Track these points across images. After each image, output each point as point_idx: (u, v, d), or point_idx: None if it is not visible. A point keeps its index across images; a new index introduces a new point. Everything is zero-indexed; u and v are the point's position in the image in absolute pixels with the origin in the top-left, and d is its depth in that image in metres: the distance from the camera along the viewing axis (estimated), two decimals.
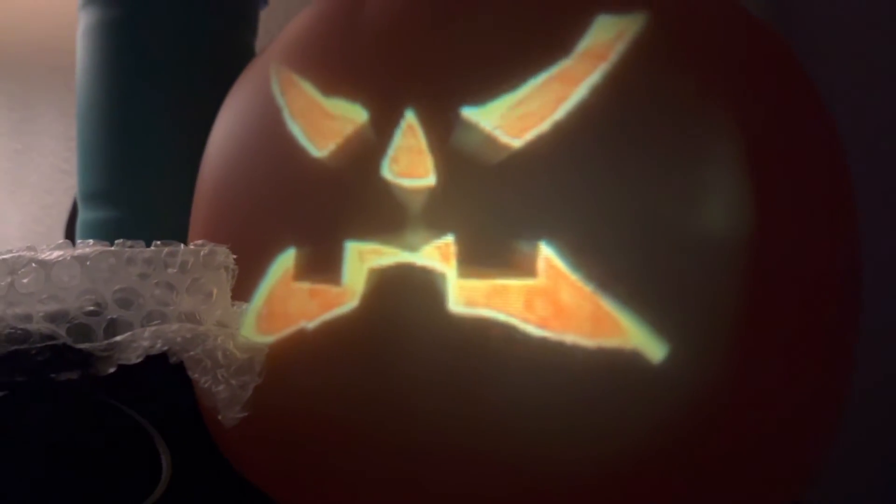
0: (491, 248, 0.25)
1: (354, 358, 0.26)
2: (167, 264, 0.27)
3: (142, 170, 0.44)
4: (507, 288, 0.24)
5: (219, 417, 0.27)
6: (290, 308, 0.28)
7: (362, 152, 0.27)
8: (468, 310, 0.24)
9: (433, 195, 0.25)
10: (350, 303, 0.26)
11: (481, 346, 0.24)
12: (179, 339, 0.26)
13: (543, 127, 0.25)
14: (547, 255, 0.24)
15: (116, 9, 0.45)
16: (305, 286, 0.27)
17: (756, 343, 0.25)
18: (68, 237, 0.59)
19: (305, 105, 0.29)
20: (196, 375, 0.26)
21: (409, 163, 0.26)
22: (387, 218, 0.26)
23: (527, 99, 0.25)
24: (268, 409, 0.28)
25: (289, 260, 0.28)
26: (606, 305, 0.24)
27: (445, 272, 0.25)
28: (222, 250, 0.28)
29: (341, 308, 0.26)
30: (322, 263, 0.27)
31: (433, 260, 0.25)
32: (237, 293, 0.29)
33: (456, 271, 0.25)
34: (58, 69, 0.82)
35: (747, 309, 0.24)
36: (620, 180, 0.24)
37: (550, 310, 0.24)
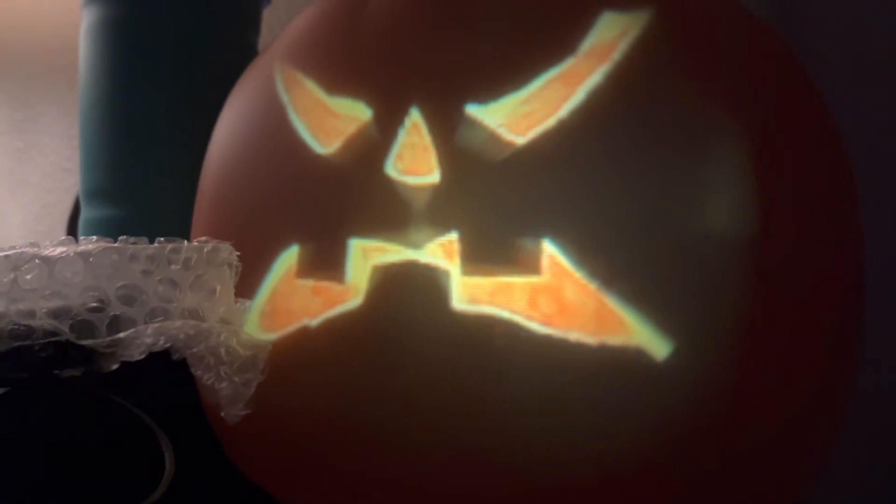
0: (495, 246, 0.24)
1: (357, 355, 0.26)
2: (170, 261, 0.27)
3: (144, 168, 0.44)
4: (511, 285, 0.24)
5: (221, 414, 0.27)
6: (294, 305, 0.28)
7: (366, 150, 0.27)
8: (472, 307, 0.24)
9: (437, 192, 0.25)
10: (353, 300, 0.26)
11: (485, 344, 0.24)
12: (182, 336, 0.26)
13: (547, 124, 0.25)
14: (551, 253, 0.24)
15: (119, 7, 0.45)
16: (309, 283, 0.27)
17: (760, 342, 0.25)
18: (70, 236, 0.58)
19: (309, 103, 0.29)
20: (199, 372, 0.26)
21: (414, 160, 0.26)
22: (391, 215, 0.26)
23: (531, 97, 0.25)
24: (270, 407, 0.28)
25: (292, 257, 0.28)
26: (610, 303, 0.24)
27: (449, 269, 0.25)
28: (226, 247, 0.28)
29: (345, 305, 0.26)
30: (325, 261, 0.27)
31: (437, 257, 0.25)
32: (240, 290, 0.29)
33: (459, 269, 0.25)
34: (60, 68, 0.82)
35: (751, 308, 0.24)
36: (624, 178, 0.24)
37: (554, 307, 0.24)
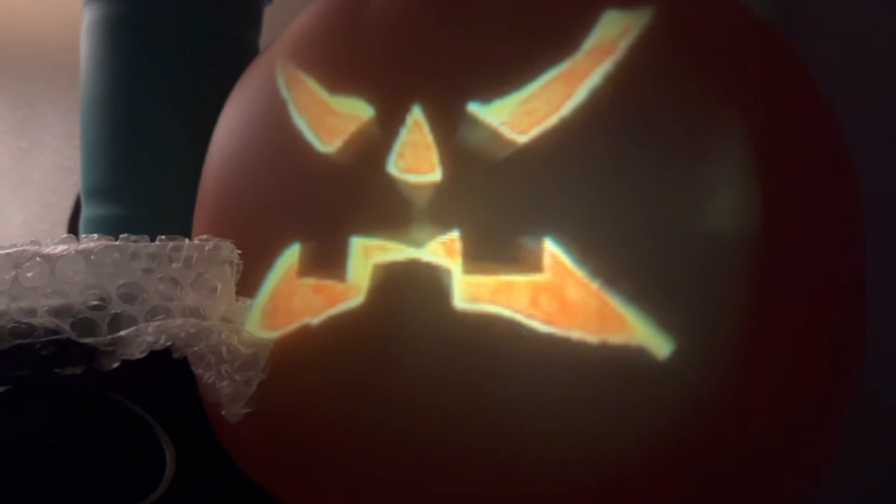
0: (496, 244, 0.24)
1: (359, 354, 0.26)
2: (171, 259, 0.27)
3: (145, 166, 0.44)
4: (513, 284, 0.24)
5: (222, 413, 0.27)
6: (295, 304, 0.28)
7: (368, 148, 0.27)
8: (473, 306, 0.24)
9: (439, 191, 0.25)
10: (355, 299, 0.26)
11: (486, 342, 0.24)
12: (183, 335, 0.26)
13: (549, 123, 0.25)
14: (552, 251, 0.24)
15: (120, 5, 0.45)
16: (310, 282, 0.27)
17: (761, 342, 0.24)
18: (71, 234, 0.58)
19: (311, 102, 0.29)
20: (200, 371, 0.26)
21: (415, 158, 0.26)
22: (392, 213, 0.26)
23: (534, 96, 0.25)
24: (271, 406, 0.27)
25: (293, 255, 0.28)
26: (612, 301, 0.24)
27: (451, 268, 0.25)
28: (227, 245, 0.28)
29: (346, 304, 0.26)
30: (327, 259, 0.27)
31: (438, 256, 0.25)
32: (242, 288, 0.29)
33: (461, 267, 0.25)
34: (61, 67, 0.82)
35: (753, 307, 0.24)
36: (626, 176, 0.24)
37: (556, 306, 0.24)
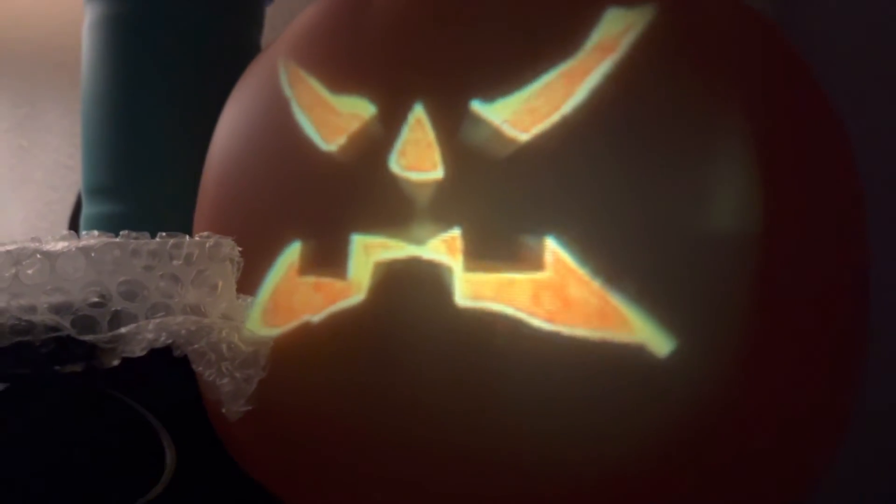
0: (498, 242, 0.24)
1: (359, 352, 0.26)
2: (172, 256, 0.27)
3: (146, 164, 0.44)
4: (514, 282, 0.24)
5: (223, 411, 0.27)
6: (295, 302, 0.27)
7: (370, 146, 0.27)
8: (475, 303, 0.24)
9: (440, 188, 0.25)
10: (355, 297, 0.26)
11: (487, 340, 0.24)
12: (184, 332, 0.26)
13: (551, 121, 0.25)
14: (554, 250, 0.24)
15: (122, 4, 0.45)
16: (311, 280, 0.27)
17: (763, 341, 0.24)
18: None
19: (313, 100, 0.29)
20: (200, 368, 0.26)
21: (417, 156, 0.26)
22: (393, 211, 0.26)
23: (536, 94, 0.25)
24: (271, 404, 0.27)
25: (294, 253, 0.28)
26: (613, 300, 0.24)
27: (452, 266, 0.25)
28: (228, 242, 0.28)
29: (347, 301, 0.26)
30: (328, 257, 0.27)
31: (439, 253, 0.25)
32: (243, 286, 0.29)
33: (462, 265, 0.25)
34: (63, 66, 0.82)
35: (755, 307, 0.24)
36: (627, 175, 0.24)
37: (557, 304, 0.24)
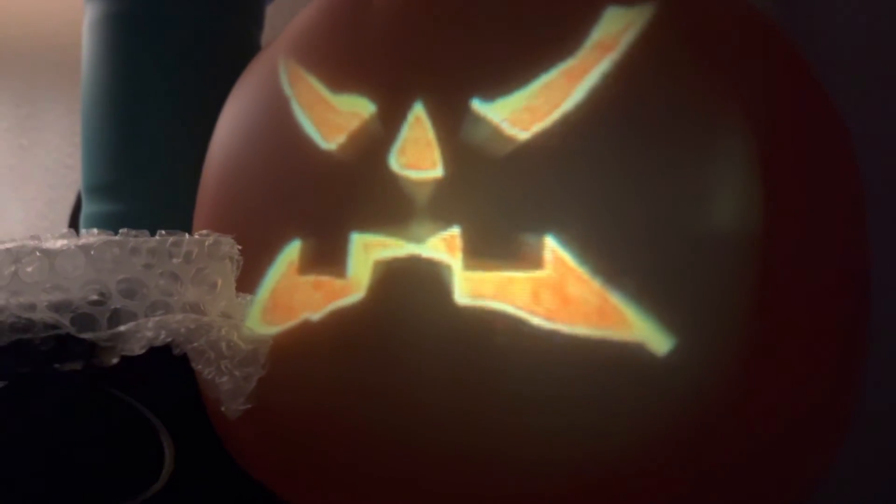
0: (497, 241, 0.24)
1: (358, 350, 0.26)
2: (171, 254, 0.27)
3: (146, 163, 0.44)
4: (514, 280, 0.24)
5: (222, 409, 0.27)
6: (295, 300, 0.27)
7: (370, 145, 0.27)
8: (474, 302, 0.24)
9: (440, 187, 0.25)
10: (355, 295, 0.26)
11: (487, 338, 0.24)
12: (183, 330, 0.26)
13: (551, 120, 0.25)
14: (553, 248, 0.24)
15: (122, 2, 0.45)
16: (310, 279, 0.27)
17: (763, 341, 0.24)
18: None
19: (313, 99, 0.29)
20: (199, 367, 0.26)
21: (417, 155, 0.26)
22: (393, 210, 0.26)
23: (536, 93, 0.25)
24: (271, 402, 0.27)
25: (294, 252, 0.28)
26: (613, 298, 0.24)
27: (451, 264, 0.25)
28: (227, 240, 0.28)
29: (346, 300, 0.26)
30: (327, 255, 0.27)
31: (439, 252, 0.25)
32: (242, 285, 0.29)
33: (462, 263, 0.25)
34: (64, 65, 0.82)
35: (755, 306, 0.24)
36: (627, 173, 0.24)
37: (557, 302, 0.24)
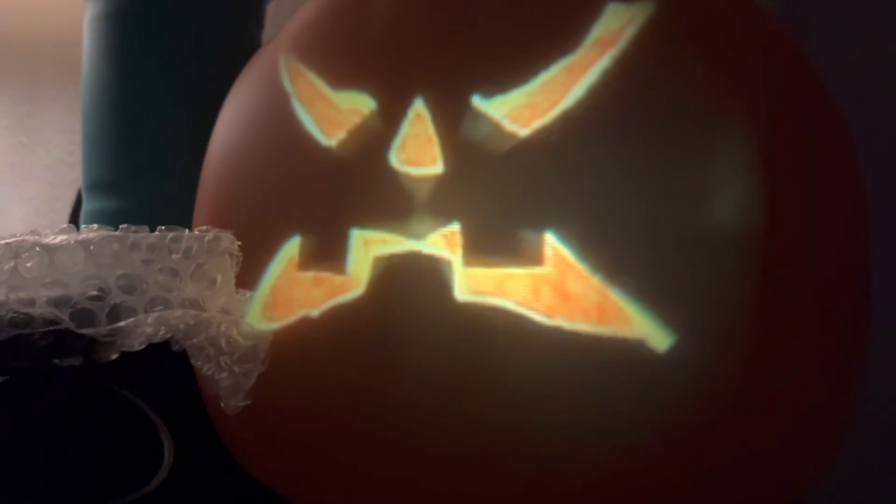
0: (497, 237, 0.24)
1: (358, 346, 0.26)
2: (171, 250, 0.27)
3: (146, 160, 0.44)
4: (514, 276, 0.24)
5: (221, 405, 0.27)
6: (295, 296, 0.27)
7: (370, 141, 0.27)
8: (474, 298, 0.24)
9: (440, 183, 0.25)
10: (355, 291, 0.26)
11: (487, 335, 0.24)
12: (183, 326, 0.26)
13: (551, 116, 0.25)
14: (554, 244, 0.24)
15: (122, 0, 0.45)
16: (310, 275, 0.27)
17: (765, 339, 0.24)
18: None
19: (313, 95, 0.29)
20: (199, 363, 0.26)
21: (417, 151, 0.26)
22: (393, 206, 0.26)
23: (537, 89, 0.25)
24: (270, 398, 0.27)
25: (294, 248, 0.28)
26: (613, 295, 0.23)
27: (451, 260, 0.25)
28: (227, 236, 0.28)
29: (346, 296, 0.26)
30: (327, 251, 0.27)
31: (439, 248, 0.25)
32: (242, 281, 0.29)
33: (462, 259, 0.25)
34: (64, 63, 0.82)
35: (756, 304, 0.24)
36: (628, 170, 0.24)
37: (557, 298, 0.24)
